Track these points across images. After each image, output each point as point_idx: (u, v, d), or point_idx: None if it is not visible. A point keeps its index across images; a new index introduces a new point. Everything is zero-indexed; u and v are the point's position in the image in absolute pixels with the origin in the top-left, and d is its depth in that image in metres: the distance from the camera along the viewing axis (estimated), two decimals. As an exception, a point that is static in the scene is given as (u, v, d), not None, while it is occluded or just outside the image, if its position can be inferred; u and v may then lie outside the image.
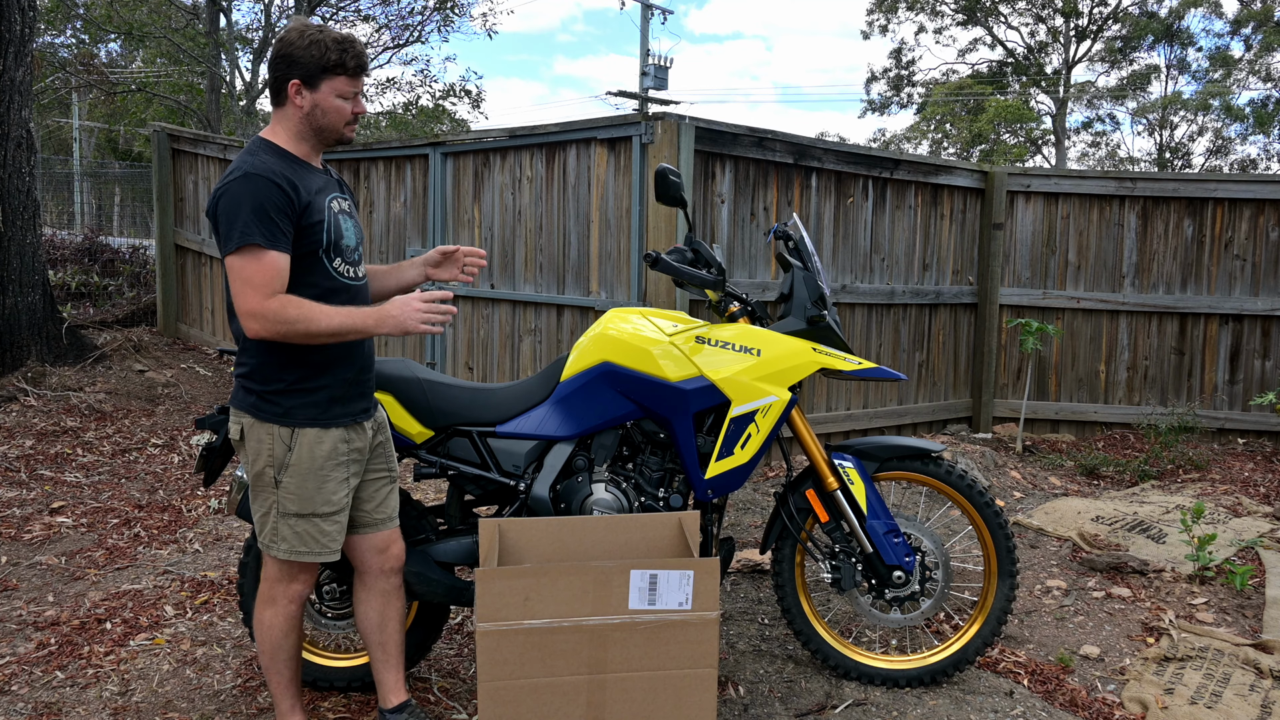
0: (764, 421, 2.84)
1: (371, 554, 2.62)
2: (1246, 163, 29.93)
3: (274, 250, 2.24)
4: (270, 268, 2.24)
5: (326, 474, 2.42)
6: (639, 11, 28.10)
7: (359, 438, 2.50)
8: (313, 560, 2.48)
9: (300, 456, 2.40)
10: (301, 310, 2.25)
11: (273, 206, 2.24)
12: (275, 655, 2.56)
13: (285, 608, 2.54)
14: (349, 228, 2.46)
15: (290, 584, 2.53)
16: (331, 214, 2.39)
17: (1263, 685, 3.15)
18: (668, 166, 2.84)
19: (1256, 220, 6.68)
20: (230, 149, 8.31)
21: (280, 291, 2.26)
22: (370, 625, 2.65)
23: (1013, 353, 6.93)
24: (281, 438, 2.39)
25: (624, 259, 5.26)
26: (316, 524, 2.44)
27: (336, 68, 2.33)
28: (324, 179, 2.45)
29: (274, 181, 2.26)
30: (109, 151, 28.69)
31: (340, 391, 2.44)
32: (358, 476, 2.52)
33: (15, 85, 7.02)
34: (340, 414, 2.45)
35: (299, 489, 2.41)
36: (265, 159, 2.32)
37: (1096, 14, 30.31)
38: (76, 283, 10.94)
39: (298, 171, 2.36)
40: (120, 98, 18.32)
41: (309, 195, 2.33)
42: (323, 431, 2.41)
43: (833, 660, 3.11)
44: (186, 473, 5.43)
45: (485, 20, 26.42)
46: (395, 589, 2.66)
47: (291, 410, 2.40)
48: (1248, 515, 4.91)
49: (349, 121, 2.41)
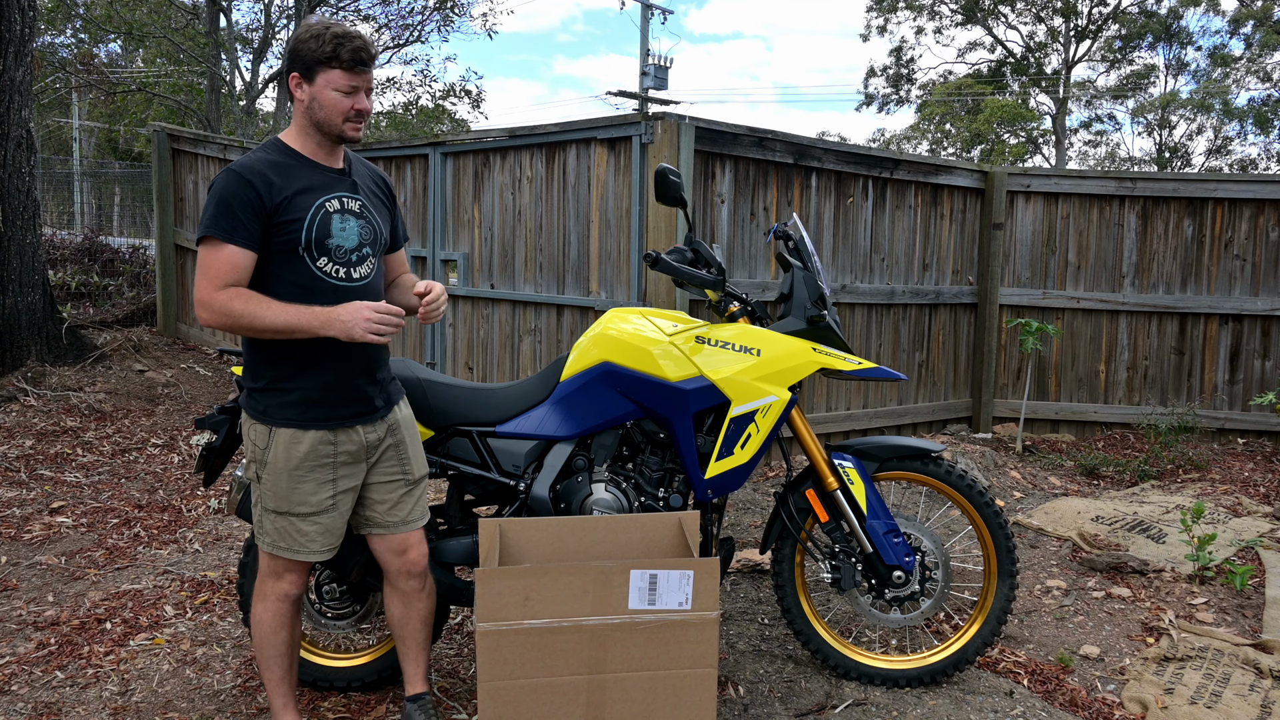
0: (764, 421, 2.84)
1: (389, 555, 2.63)
2: (1246, 162, 29.93)
3: (231, 244, 2.28)
4: (224, 261, 2.28)
5: (302, 475, 2.42)
6: (639, 11, 28.11)
7: (349, 441, 2.47)
8: (293, 557, 2.49)
9: (275, 455, 2.42)
10: (248, 305, 2.28)
11: (237, 202, 2.28)
12: (264, 650, 2.58)
13: (273, 604, 2.55)
14: (347, 228, 2.41)
15: (278, 581, 2.54)
16: (322, 213, 2.37)
17: (1263, 685, 3.15)
18: (668, 166, 2.84)
19: (1256, 220, 6.68)
20: (230, 149, 8.32)
21: (234, 284, 2.29)
22: (393, 620, 2.71)
23: (1013, 353, 6.93)
24: (261, 435, 2.44)
25: (624, 259, 5.26)
26: (293, 523, 2.46)
27: (330, 60, 2.34)
28: (327, 177, 2.43)
29: (245, 178, 2.30)
30: (109, 151, 28.69)
31: (318, 394, 2.42)
32: (350, 479, 2.49)
33: (15, 85, 7.02)
34: (320, 416, 2.42)
35: (274, 487, 2.44)
36: (257, 156, 2.37)
37: (1096, 14, 30.31)
38: (76, 283, 10.94)
39: (289, 169, 2.37)
40: (120, 98, 18.32)
41: (287, 193, 2.33)
42: (299, 432, 2.41)
43: (833, 660, 3.11)
44: (186, 473, 5.43)
45: (485, 20, 26.42)
46: (416, 591, 2.67)
47: (269, 409, 2.43)
48: (1248, 515, 4.91)
49: (348, 118, 2.38)
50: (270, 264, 2.35)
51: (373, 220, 2.50)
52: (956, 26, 32.59)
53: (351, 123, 2.40)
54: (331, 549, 2.51)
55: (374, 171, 2.64)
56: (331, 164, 2.46)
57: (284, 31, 17.36)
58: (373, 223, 2.49)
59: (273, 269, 2.35)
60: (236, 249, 2.29)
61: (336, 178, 2.45)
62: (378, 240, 2.50)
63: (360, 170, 2.56)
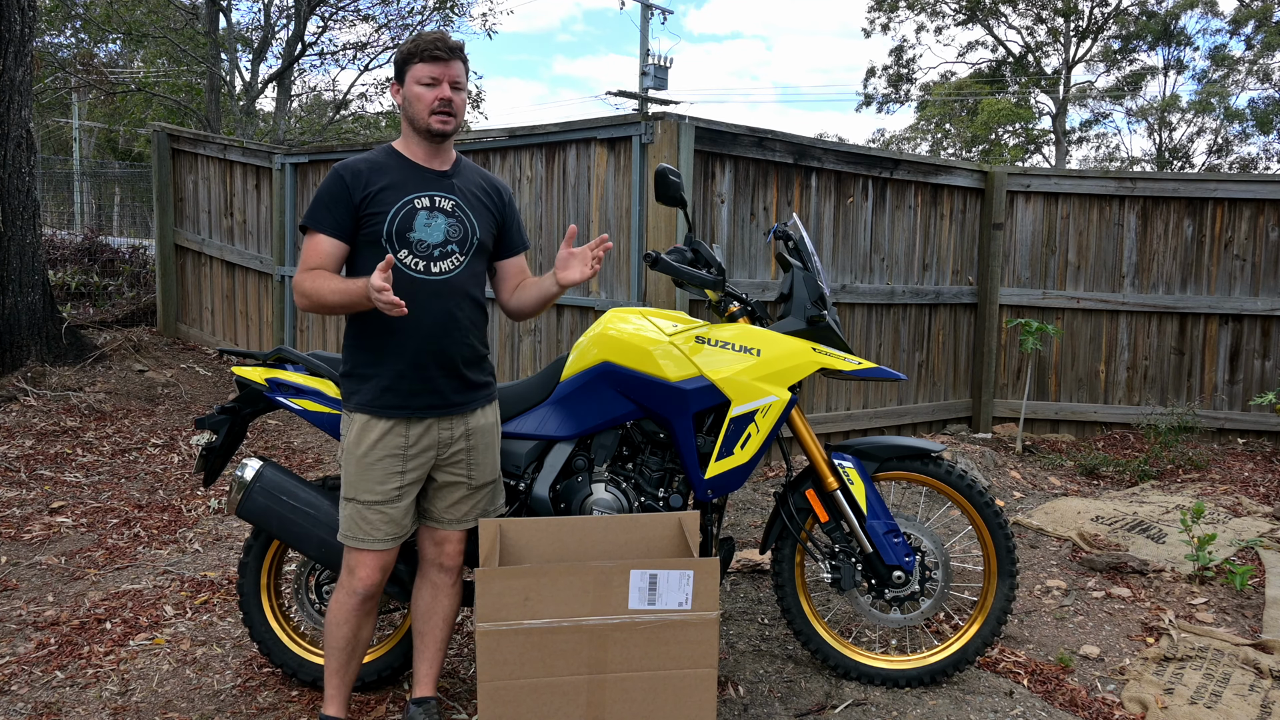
0: (764, 421, 2.84)
1: (429, 544, 2.69)
2: (1247, 161, 29.91)
3: (319, 233, 2.48)
4: (311, 248, 2.49)
5: (372, 463, 2.50)
6: (639, 11, 28.10)
7: (424, 435, 2.53)
8: (357, 546, 2.54)
9: (351, 440, 2.53)
10: (316, 283, 2.44)
11: (328, 196, 2.48)
12: (326, 637, 2.64)
13: (343, 597, 2.60)
14: (434, 224, 2.50)
15: (350, 575, 2.59)
16: (407, 208, 2.48)
17: (1262, 685, 3.15)
18: (667, 166, 2.84)
19: (1256, 220, 6.68)
20: (230, 149, 8.31)
21: (321, 269, 2.46)
22: (418, 611, 2.73)
23: (1012, 353, 6.93)
24: (345, 421, 2.57)
25: (624, 259, 5.26)
26: (360, 510, 2.52)
27: (410, 56, 2.49)
28: (424, 177, 2.54)
29: (339, 174, 2.49)
30: (109, 151, 28.69)
31: (391, 382, 2.50)
32: (418, 472, 2.55)
33: (15, 85, 7.02)
34: (393, 404, 2.50)
35: (348, 472, 2.54)
36: (361, 155, 2.56)
37: (1096, 14, 30.31)
38: (76, 283, 10.94)
39: (384, 167, 2.51)
40: (120, 98, 18.30)
41: (374, 188, 2.47)
42: (373, 420, 2.51)
43: (832, 660, 3.11)
44: (186, 473, 5.43)
45: (485, 20, 26.41)
46: (446, 585, 2.71)
47: (351, 395, 2.55)
48: (1247, 515, 4.91)
49: (433, 110, 2.47)
50: (359, 254, 2.51)
51: (465, 220, 2.56)
52: (957, 26, 32.60)
53: (437, 115, 2.49)
54: (395, 539, 2.56)
55: (487, 179, 2.71)
56: (433, 166, 2.57)
57: (284, 32, 17.35)
58: (465, 223, 2.56)
59: (361, 258, 2.51)
60: (323, 237, 2.47)
61: (434, 178, 2.55)
62: (468, 240, 2.55)
63: (468, 176, 2.64)
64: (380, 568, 2.58)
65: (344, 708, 2.67)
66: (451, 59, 2.48)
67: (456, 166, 2.63)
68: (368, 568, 2.57)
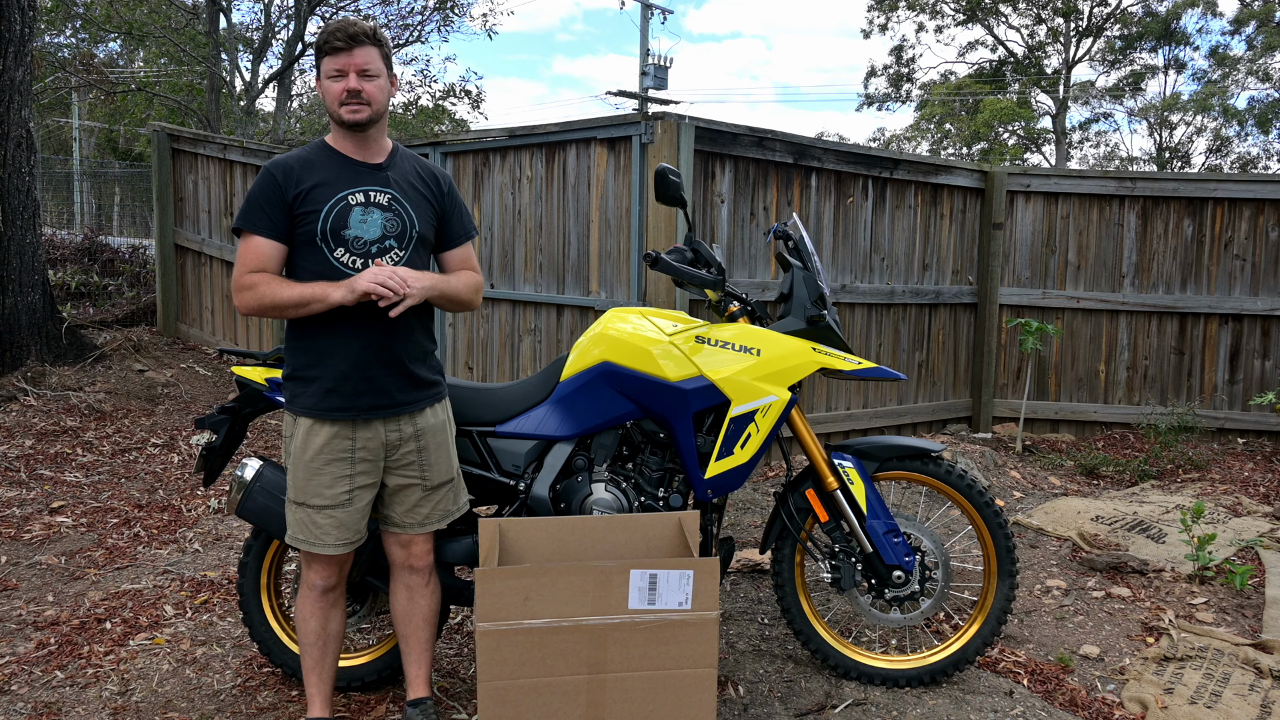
0: (764, 421, 2.84)
1: (395, 547, 2.68)
2: (1246, 160, 29.90)
3: (255, 235, 2.42)
4: (249, 249, 2.42)
5: (319, 467, 2.46)
6: (639, 11, 28.10)
7: (370, 437, 2.49)
8: (308, 549, 2.51)
9: (297, 444, 2.49)
10: (269, 285, 2.39)
11: (261, 196, 2.42)
12: (299, 635, 2.64)
13: (303, 592, 2.61)
14: (370, 220, 2.44)
15: (307, 570, 2.59)
16: (341, 205, 2.42)
17: (1262, 685, 3.15)
18: (667, 166, 2.84)
19: (1256, 220, 6.68)
20: (230, 149, 8.31)
21: (258, 270, 2.40)
22: (397, 615, 2.72)
23: (1012, 352, 6.92)
24: (288, 424, 2.53)
25: (624, 259, 5.26)
26: (309, 514, 2.49)
27: (319, 52, 2.44)
28: (356, 171, 2.47)
29: (270, 172, 2.44)
30: (109, 151, 28.69)
31: (334, 384, 2.44)
32: (369, 476, 2.51)
33: (15, 85, 7.02)
34: (337, 406, 2.45)
35: (294, 475, 2.51)
36: (292, 153, 2.51)
37: (1096, 14, 30.30)
38: (76, 282, 10.94)
39: (315, 163, 2.45)
40: (120, 98, 18.31)
41: (305, 186, 2.41)
42: (317, 424, 2.46)
43: (832, 660, 3.11)
44: (186, 473, 5.43)
45: (485, 20, 26.44)
46: (420, 585, 2.70)
47: (294, 397, 2.51)
48: (1247, 515, 4.91)
49: (342, 102, 2.40)
50: (295, 253, 2.46)
51: (403, 214, 2.50)
52: (957, 25, 32.59)
53: (346, 105, 2.40)
54: (347, 544, 2.52)
55: (424, 168, 2.62)
56: (367, 159, 2.50)
57: (284, 31, 17.36)
58: (402, 216, 2.49)
59: (297, 258, 2.46)
60: (258, 238, 2.41)
61: (368, 171, 2.48)
62: (406, 234, 2.49)
63: (404, 166, 2.56)
64: (336, 567, 2.58)
65: (326, 706, 2.65)
66: (354, 47, 2.37)
67: (392, 158, 2.54)
68: (324, 566, 2.56)
